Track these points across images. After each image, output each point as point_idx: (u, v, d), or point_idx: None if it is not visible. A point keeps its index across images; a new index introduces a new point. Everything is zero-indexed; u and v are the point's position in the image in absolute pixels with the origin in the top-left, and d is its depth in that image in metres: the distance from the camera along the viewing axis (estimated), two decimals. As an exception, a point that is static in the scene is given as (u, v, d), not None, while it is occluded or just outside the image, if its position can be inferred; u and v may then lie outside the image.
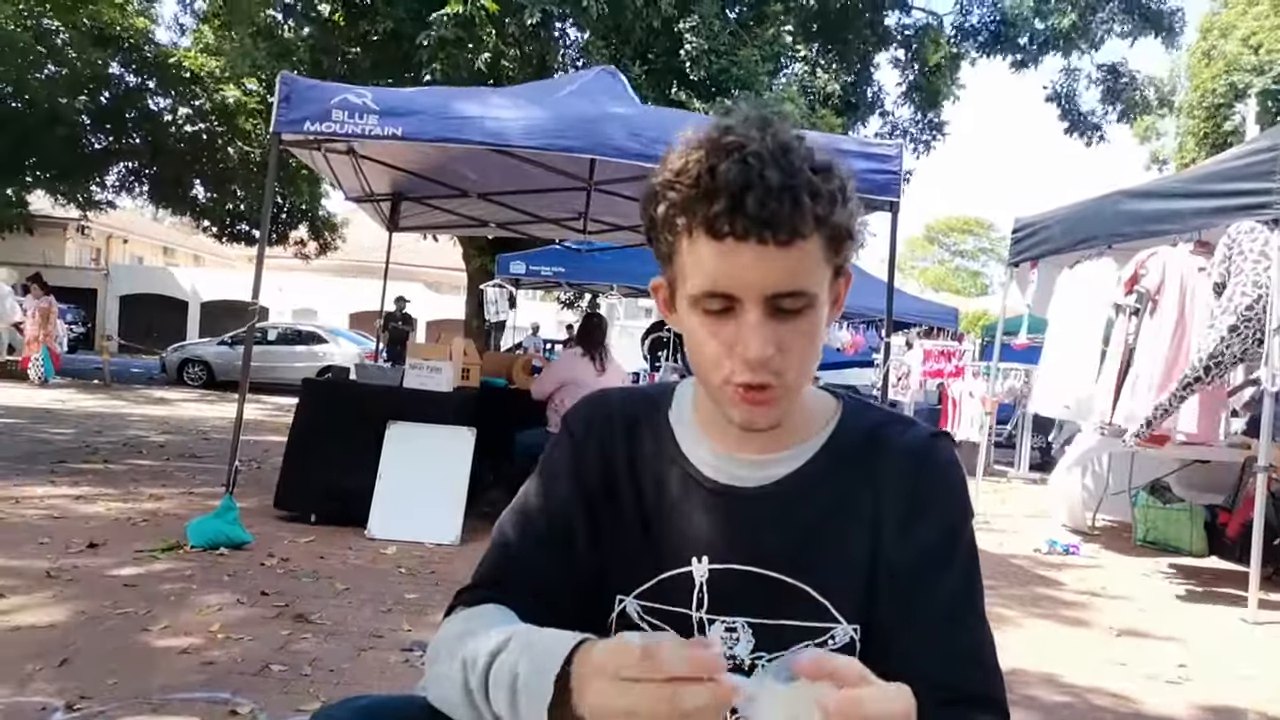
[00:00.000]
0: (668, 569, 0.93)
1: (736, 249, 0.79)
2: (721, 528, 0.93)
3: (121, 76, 16.15)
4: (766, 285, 0.80)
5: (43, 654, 2.90)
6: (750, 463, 0.94)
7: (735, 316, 0.82)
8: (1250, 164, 4.78)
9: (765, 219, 0.77)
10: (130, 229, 33.04)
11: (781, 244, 0.78)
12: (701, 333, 0.85)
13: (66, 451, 7.16)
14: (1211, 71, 21.07)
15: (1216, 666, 3.82)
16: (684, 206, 0.81)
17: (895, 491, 0.91)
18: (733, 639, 0.91)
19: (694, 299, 0.84)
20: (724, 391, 0.85)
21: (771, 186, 0.77)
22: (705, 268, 0.81)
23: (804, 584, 0.90)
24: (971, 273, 50.32)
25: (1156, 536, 6.42)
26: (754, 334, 0.81)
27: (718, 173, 0.78)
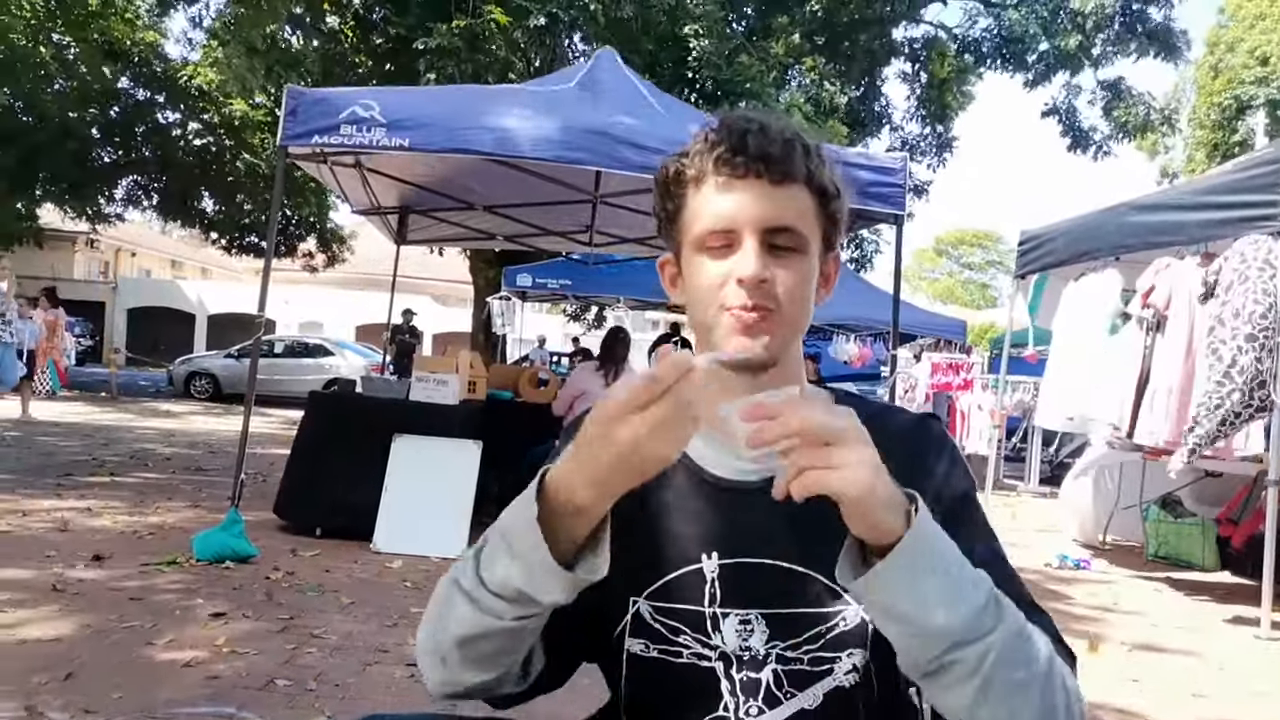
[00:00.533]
0: (677, 567, 0.94)
1: (737, 185, 0.89)
2: (729, 523, 0.95)
3: (131, 91, 16.27)
4: (763, 218, 0.89)
5: (48, 667, 2.89)
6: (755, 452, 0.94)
7: (734, 251, 0.89)
8: (1254, 176, 4.76)
9: (762, 156, 0.88)
10: (138, 242, 33.23)
11: (775, 182, 0.88)
12: (703, 269, 0.92)
13: (73, 464, 7.17)
14: (1219, 85, 21.08)
15: (1230, 683, 3.77)
16: (693, 160, 0.92)
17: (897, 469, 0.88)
18: (747, 631, 0.92)
19: (698, 241, 0.92)
20: (721, 322, 0.90)
21: (768, 133, 0.89)
22: (709, 207, 0.90)
23: (815, 571, 0.91)
24: (980, 285, 50.25)
25: (1168, 551, 6.37)
26: (749, 257, 0.88)
27: (723, 125, 0.91)
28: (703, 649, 0.92)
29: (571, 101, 5.20)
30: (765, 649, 0.91)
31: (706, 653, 0.92)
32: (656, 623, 0.94)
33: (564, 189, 6.42)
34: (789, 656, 0.91)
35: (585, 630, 0.95)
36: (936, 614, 0.73)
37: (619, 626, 0.95)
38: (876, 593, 0.74)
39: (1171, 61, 14.07)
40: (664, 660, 0.93)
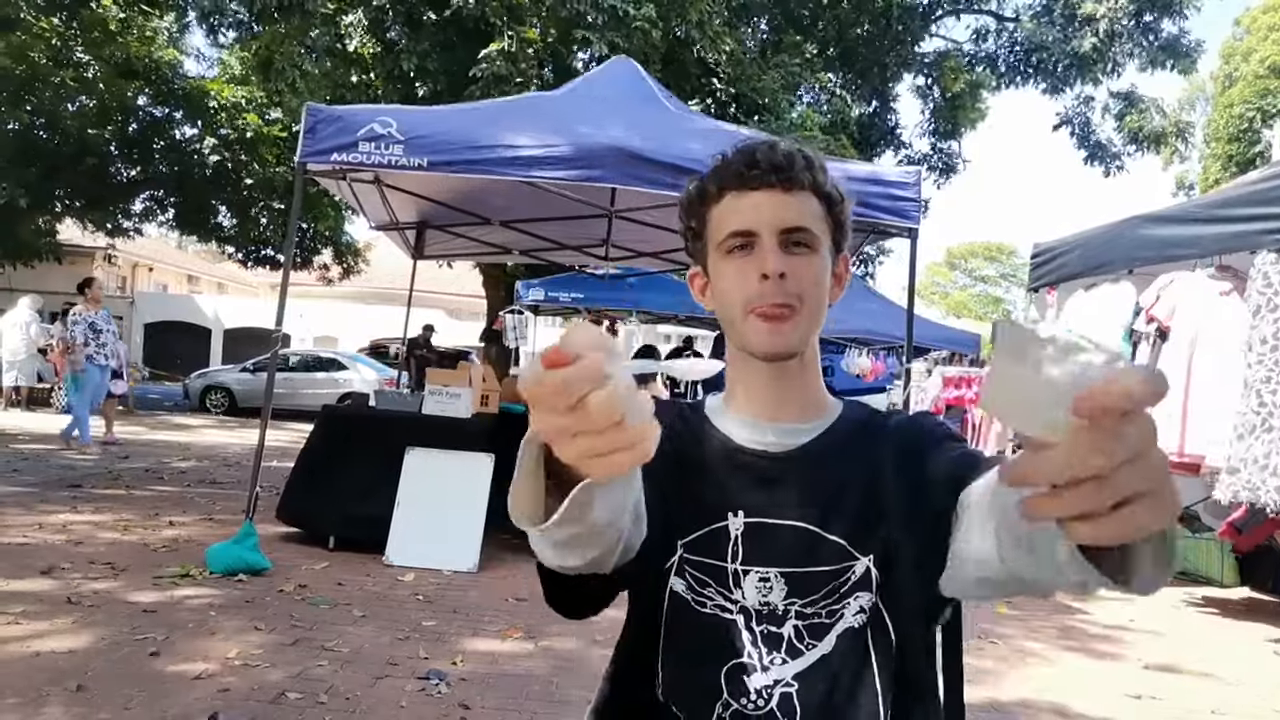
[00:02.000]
0: (708, 523, 1.02)
1: (753, 195, 1.01)
2: (755, 486, 1.03)
3: (149, 107, 16.46)
4: (778, 221, 1.00)
5: (60, 679, 2.90)
6: (779, 430, 1.05)
7: (754, 249, 1.00)
8: (1271, 188, 4.73)
9: (773, 167, 1.00)
10: (156, 257, 33.50)
11: (786, 189, 1.00)
12: (729, 271, 1.02)
13: (89, 477, 7.21)
14: (1234, 96, 20.98)
15: (1249, 700, 3.72)
16: (715, 178, 1.04)
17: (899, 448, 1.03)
18: (766, 588, 0.99)
19: (721, 245, 1.03)
20: (748, 321, 1.01)
21: (776, 149, 1.02)
22: (730, 215, 1.02)
23: (832, 533, 0.99)
24: (994, 299, 50.02)
25: (1186, 567, 6.30)
26: (768, 255, 0.99)
27: (744, 148, 1.03)
28: (725, 601, 0.99)
29: (588, 115, 5.19)
30: (784, 605, 0.98)
31: (728, 605, 0.99)
32: (689, 572, 1.02)
33: (580, 204, 6.44)
34: (807, 612, 0.98)
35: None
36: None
37: (668, 563, 1.02)
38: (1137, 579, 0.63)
39: (1184, 73, 13.99)
40: (693, 605, 1.00)
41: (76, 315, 9.05)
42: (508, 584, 4.71)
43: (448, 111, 5.56)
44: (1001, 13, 15.14)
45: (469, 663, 3.41)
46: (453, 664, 3.38)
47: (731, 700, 0.97)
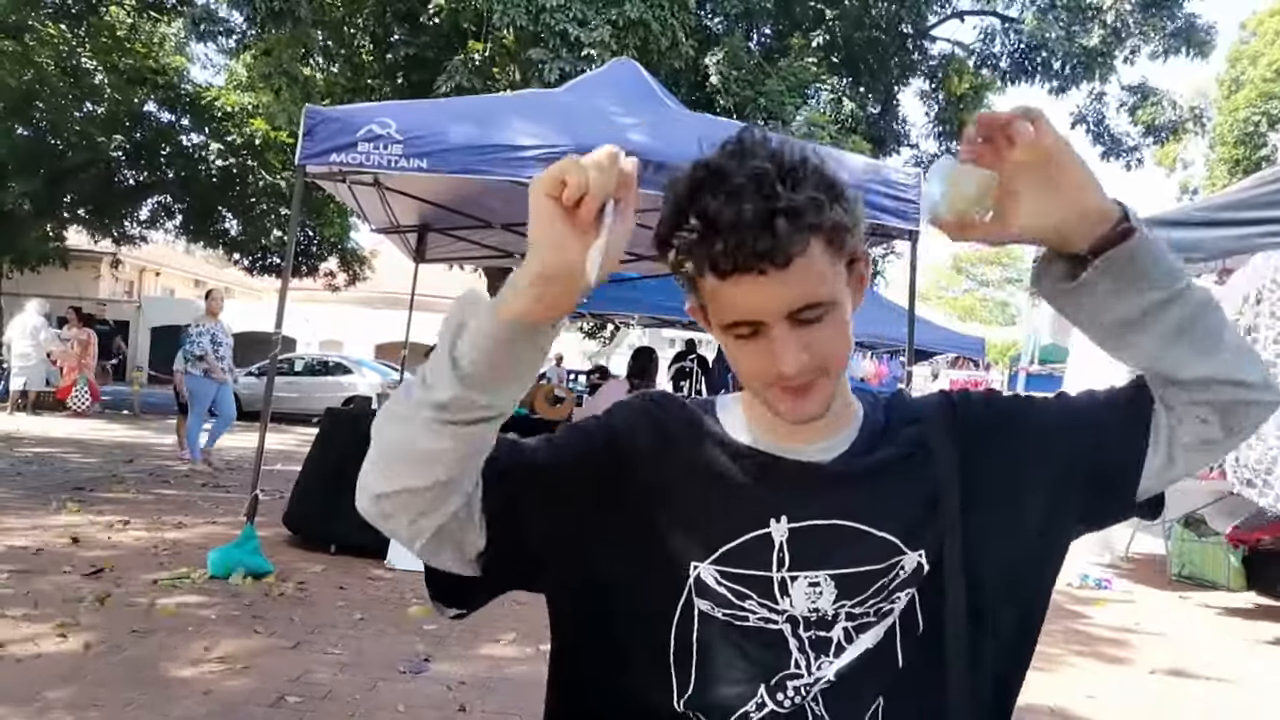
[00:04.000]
0: (743, 532, 0.95)
1: (743, 281, 0.84)
2: (797, 490, 0.97)
3: (156, 114, 16.53)
4: (782, 306, 0.85)
5: (60, 681, 2.90)
6: (809, 450, 0.99)
7: (764, 335, 0.88)
8: (1272, 191, 4.71)
9: (759, 251, 0.82)
10: (163, 262, 33.60)
11: (781, 266, 0.83)
12: (738, 352, 0.91)
13: (94, 480, 7.23)
14: (1241, 100, 20.92)
15: (1256, 706, 3.69)
16: (688, 251, 0.86)
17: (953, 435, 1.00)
18: (815, 594, 0.94)
19: (723, 328, 0.90)
20: (770, 393, 0.92)
21: (755, 219, 0.81)
22: (724, 301, 0.87)
23: (881, 530, 0.95)
24: (999, 302, 49.90)
25: (1192, 571, 6.26)
26: (784, 350, 0.86)
27: (704, 216, 0.83)
28: (770, 613, 0.94)
29: (590, 114, 5.18)
30: (834, 609, 0.94)
31: (773, 616, 0.94)
32: (721, 587, 0.95)
33: (579, 207, 6.44)
34: (856, 613, 0.94)
35: (545, 568, 0.97)
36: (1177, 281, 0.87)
37: (682, 592, 0.96)
38: (1105, 287, 0.87)
39: (1202, 56, 13.85)
40: (730, 622, 0.95)
41: (200, 327, 8.89)
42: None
43: (447, 109, 5.53)
44: (1006, 13, 15.10)
45: (469, 666, 3.40)
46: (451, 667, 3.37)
47: (767, 701, 0.93)
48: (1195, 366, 0.89)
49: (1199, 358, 0.89)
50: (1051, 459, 0.98)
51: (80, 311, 14.17)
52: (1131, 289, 0.86)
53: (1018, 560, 0.98)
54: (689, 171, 0.88)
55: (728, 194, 0.82)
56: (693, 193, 0.85)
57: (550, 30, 9.13)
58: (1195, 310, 0.88)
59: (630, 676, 0.98)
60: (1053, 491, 0.98)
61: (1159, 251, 0.86)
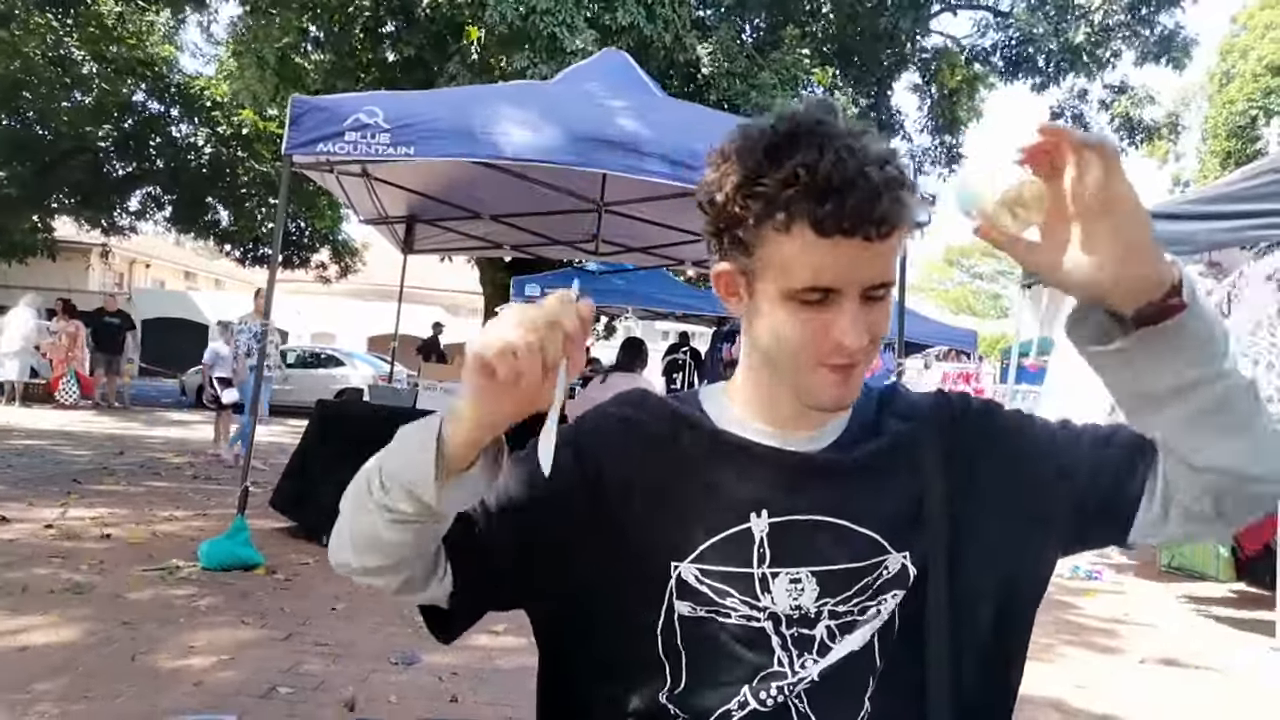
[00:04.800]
0: (723, 529, 0.94)
1: (841, 245, 0.82)
2: (779, 483, 0.95)
3: (145, 103, 16.43)
4: (865, 278, 0.84)
5: (51, 674, 2.89)
6: (799, 439, 0.98)
7: (831, 305, 0.85)
8: (1261, 184, 4.72)
9: (873, 218, 0.81)
10: (152, 253, 33.43)
11: (881, 239, 0.82)
12: (794, 321, 0.87)
13: (84, 473, 7.20)
14: (1232, 93, 20.98)
15: (1243, 695, 3.72)
16: (786, 203, 0.82)
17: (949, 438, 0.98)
18: (797, 590, 0.93)
19: (791, 292, 0.85)
20: (816, 374, 0.88)
21: (874, 185, 0.80)
22: (806, 263, 0.83)
23: (864, 527, 0.93)
24: (992, 295, 50.02)
25: (1182, 562, 6.30)
26: (854, 325, 0.85)
27: (819, 170, 0.80)
28: (751, 610, 0.93)
29: (579, 103, 5.15)
30: (816, 606, 0.93)
31: (755, 614, 0.93)
32: (703, 585, 0.94)
33: (569, 197, 6.43)
34: (839, 610, 0.93)
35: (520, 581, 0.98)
36: (1220, 362, 0.80)
37: (664, 594, 0.95)
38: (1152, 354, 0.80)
39: (1178, 68, 13.92)
40: (713, 620, 0.94)
41: (244, 325, 8.79)
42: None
43: (436, 97, 5.49)
44: (998, 7, 15.11)
45: (461, 656, 3.40)
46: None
47: (750, 700, 0.92)
48: (1210, 454, 0.83)
49: (1216, 444, 0.83)
50: (1045, 488, 0.96)
51: (69, 304, 14.08)
52: (1168, 365, 0.80)
53: (1003, 572, 0.96)
54: (764, 127, 0.85)
55: (840, 151, 0.81)
56: (792, 141, 0.82)
57: (539, 33, 9.10)
58: (1228, 394, 0.81)
59: (615, 678, 0.98)
60: (1042, 518, 0.97)
61: (1207, 328, 0.79)
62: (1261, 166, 5.10)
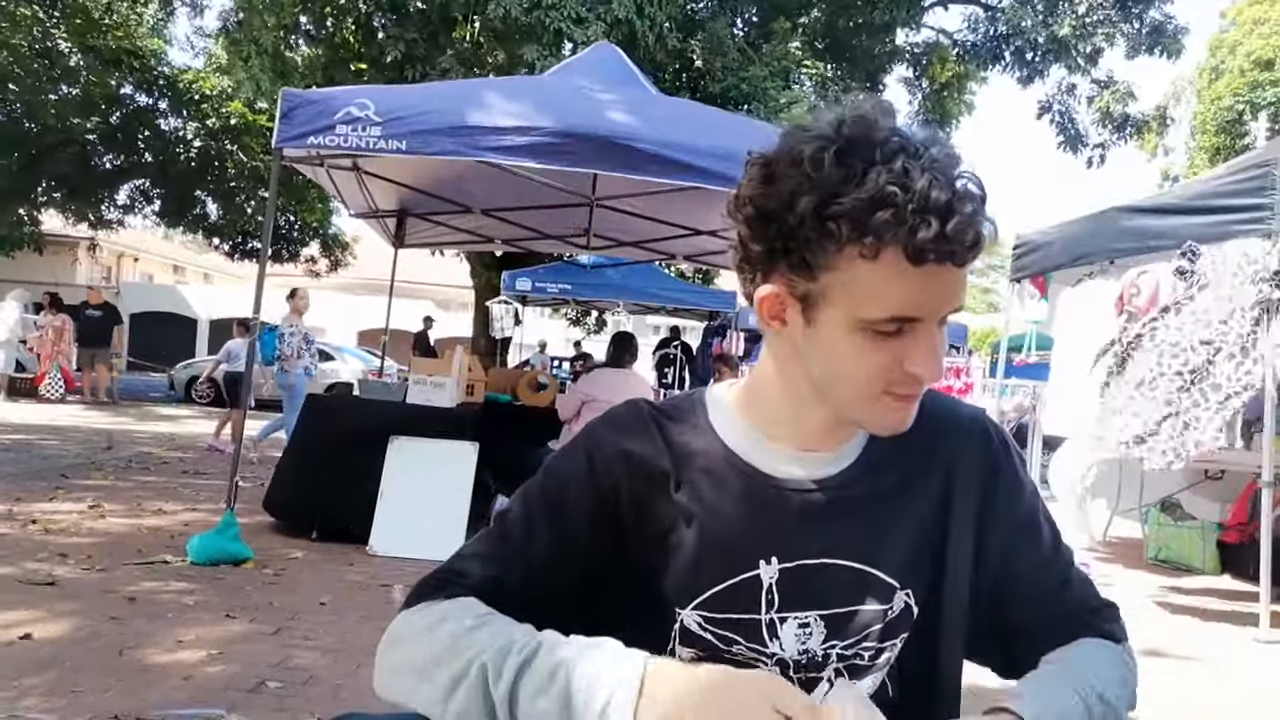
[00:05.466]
0: (732, 575, 0.90)
1: (934, 272, 0.77)
2: (787, 525, 0.90)
3: (133, 96, 16.32)
4: (948, 305, 0.81)
5: (38, 668, 2.88)
6: (818, 459, 0.93)
7: (907, 334, 0.80)
8: (1245, 179, 4.76)
9: (969, 245, 0.77)
10: (141, 247, 33.26)
11: (965, 265, 0.78)
12: (863, 351, 0.81)
13: (72, 468, 7.17)
14: (1221, 89, 21.07)
15: (1230, 686, 3.76)
16: (874, 228, 0.75)
17: (970, 467, 0.96)
18: (805, 635, 0.90)
19: (867, 322, 0.79)
20: (879, 402, 0.84)
21: (972, 212, 0.76)
22: (895, 292, 0.78)
23: (872, 566, 0.90)
24: (981, 290, 50.17)
25: (1168, 555, 6.34)
26: (935, 354, 0.81)
27: (914, 189, 0.74)
28: (758, 656, 0.90)
29: (572, 97, 5.13)
30: (824, 649, 0.90)
31: (762, 660, 0.89)
32: (706, 632, 0.91)
33: (561, 192, 6.42)
34: (847, 654, 0.91)
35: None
36: None
37: (668, 639, 0.92)
38: None
39: (1172, 57, 13.93)
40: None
41: (292, 327, 8.68)
42: (492, 573, 4.70)
43: (427, 91, 5.47)
44: (987, 1, 15.13)
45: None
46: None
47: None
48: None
49: None
50: (991, 574, 0.97)
51: (56, 297, 13.97)
52: None
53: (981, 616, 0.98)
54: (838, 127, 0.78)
55: (931, 167, 0.76)
56: (869, 152, 0.76)
57: (544, 27, 9.08)
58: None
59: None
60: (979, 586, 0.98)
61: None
62: (1246, 161, 5.14)
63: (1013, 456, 0.99)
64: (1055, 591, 0.98)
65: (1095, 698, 0.85)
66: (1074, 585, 0.99)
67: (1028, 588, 0.97)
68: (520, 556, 0.91)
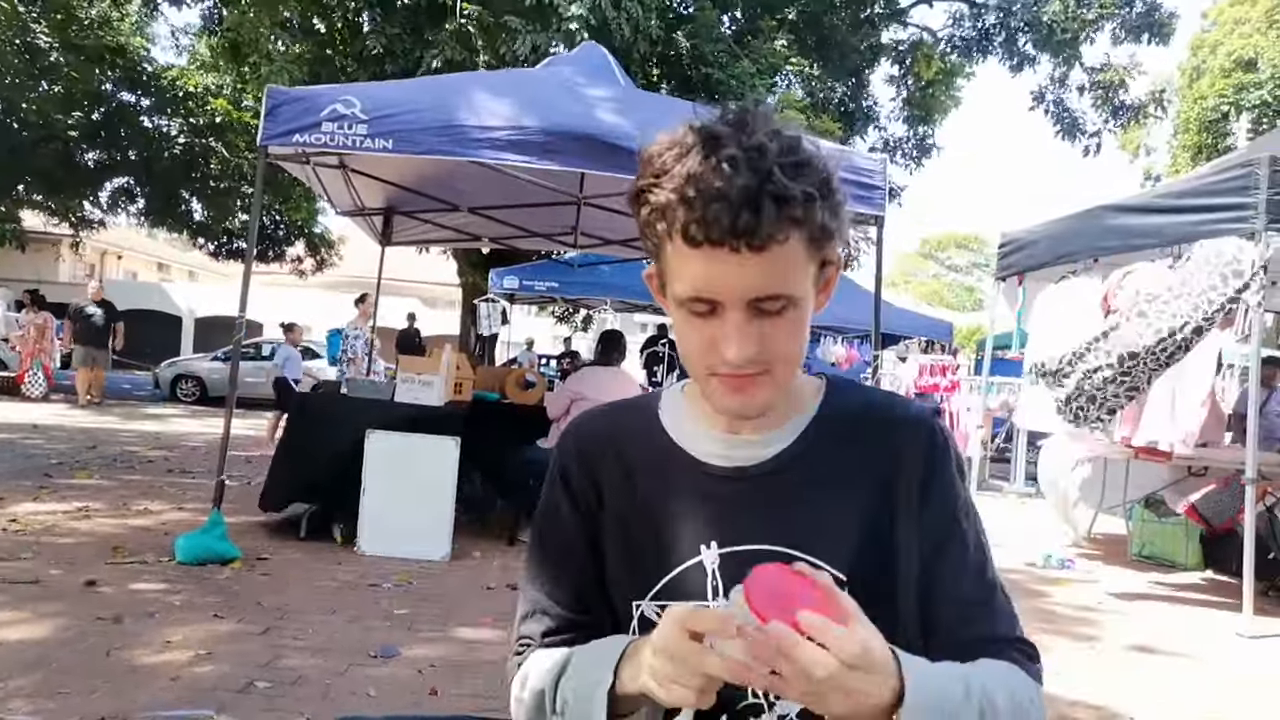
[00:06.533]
0: (678, 563, 0.94)
1: (713, 256, 0.80)
2: (727, 511, 0.94)
3: (115, 93, 16.17)
4: (745, 290, 0.81)
5: (24, 670, 2.86)
6: (747, 442, 0.96)
7: (717, 316, 0.84)
8: (1229, 179, 4.81)
9: (737, 228, 0.77)
10: (124, 245, 32.98)
11: (756, 249, 0.79)
12: (687, 329, 0.87)
13: (57, 467, 7.11)
14: (1203, 88, 21.22)
15: (1212, 680, 3.80)
16: (663, 211, 0.81)
17: (911, 460, 0.96)
18: None
19: (679, 300, 0.85)
20: (710, 383, 0.88)
21: (743, 195, 0.77)
22: (686, 273, 0.83)
23: (810, 554, 0.91)
24: (966, 288, 50.44)
25: (1152, 551, 6.40)
26: (734, 337, 0.83)
27: (691, 178, 0.78)
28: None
29: (558, 92, 5.12)
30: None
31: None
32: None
33: (548, 191, 6.42)
34: None
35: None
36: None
37: (630, 631, 0.96)
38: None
39: (1162, 43, 13.98)
40: None
41: (356, 330, 8.55)
42: (479, 573, 4.70)
43: (414, 88, 5.43)
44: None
45: (441, 649, 3.41)
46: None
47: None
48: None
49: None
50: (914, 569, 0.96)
51: (36, 294, 13.82)
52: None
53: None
54: (681, 131, 0.83)
55: (720, 161, 0.78)
56: (682, 153, 0.80)
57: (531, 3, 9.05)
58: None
59: None
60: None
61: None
62: (1229, 161, 5.19)
63: (951, 461, 0.98)
64: (972, 604, 0.95)
65: (981, 692, 0.81)
66: (996, 610, 0.96)
67: (948, 588, 0.94)
68: (549, 597, 1.01)
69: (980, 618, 0.94)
